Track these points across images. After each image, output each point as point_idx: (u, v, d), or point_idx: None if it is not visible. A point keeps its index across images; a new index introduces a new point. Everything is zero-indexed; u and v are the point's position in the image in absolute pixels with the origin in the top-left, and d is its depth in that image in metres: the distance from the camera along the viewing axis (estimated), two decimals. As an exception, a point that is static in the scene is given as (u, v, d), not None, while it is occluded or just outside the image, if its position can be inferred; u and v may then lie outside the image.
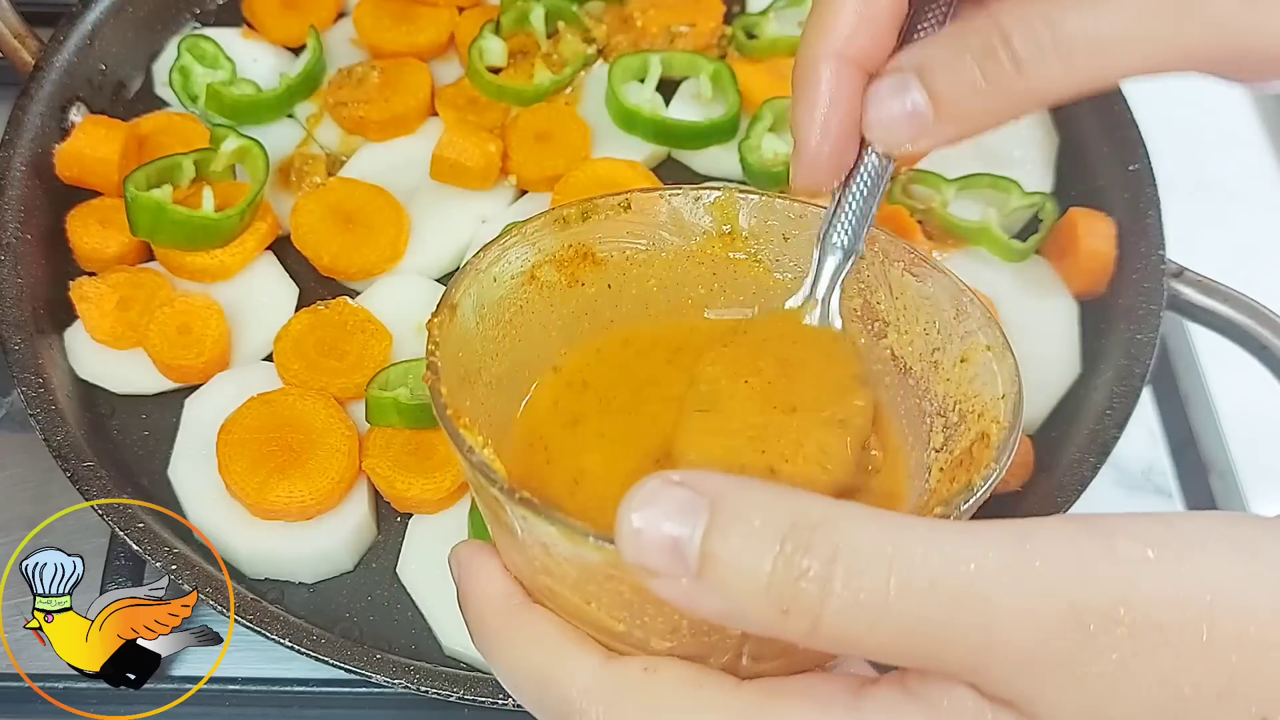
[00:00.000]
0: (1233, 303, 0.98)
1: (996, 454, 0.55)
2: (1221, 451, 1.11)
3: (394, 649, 0.86)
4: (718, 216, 0.68)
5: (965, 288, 0.62)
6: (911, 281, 0.64)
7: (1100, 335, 1.01)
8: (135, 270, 1.01)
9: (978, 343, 0.60)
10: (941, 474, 0.59)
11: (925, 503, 0.59)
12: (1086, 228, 1.03)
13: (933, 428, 0.61)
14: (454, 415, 0.55)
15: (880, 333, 0.66)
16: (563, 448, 0.64)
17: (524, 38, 1.16)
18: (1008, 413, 0.57)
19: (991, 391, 0.58)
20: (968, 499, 0.53)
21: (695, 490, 0.45)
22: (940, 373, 0.62)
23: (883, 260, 0.65)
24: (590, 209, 0.66)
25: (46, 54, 1.06)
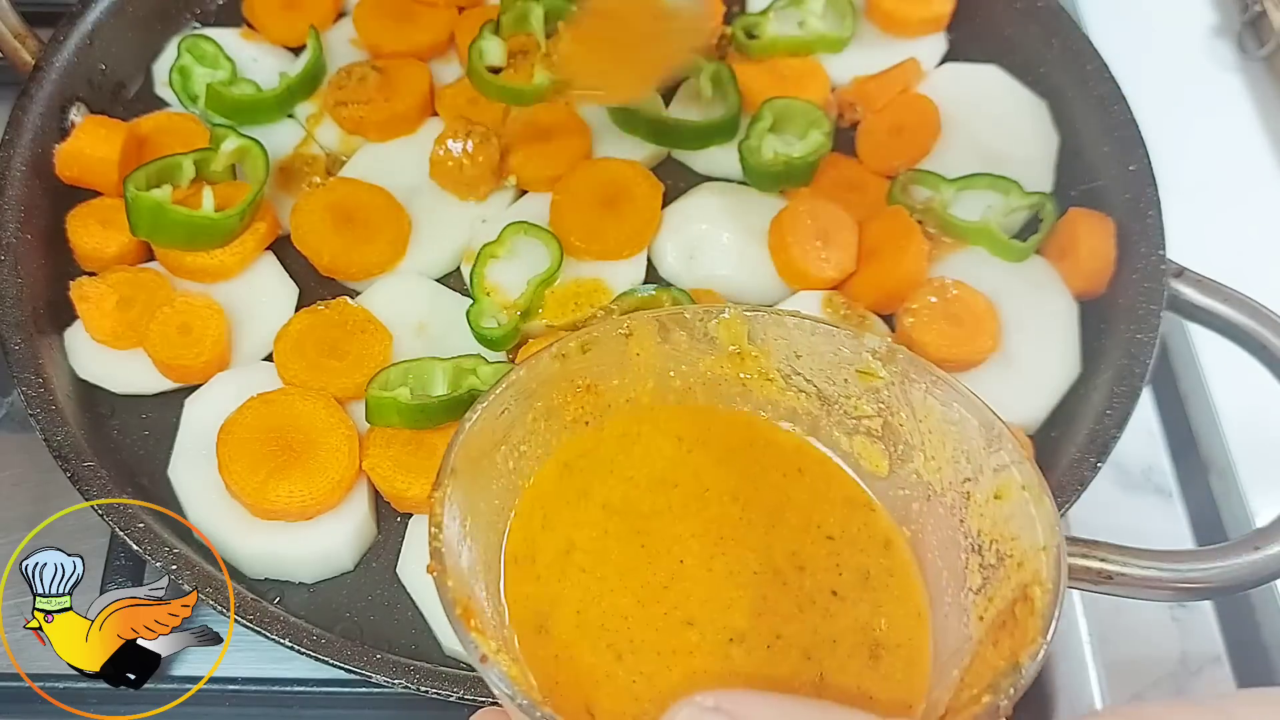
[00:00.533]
0: (1233, 303, 0.98)
1: (1043, 623, 0.52)
2: (1221, 451, 1.11)
3: (394, 649, 0.86)
4: (725, 337, 0.66)
5: (996, 416, 0.59)
6: (936, 405, 0.61)
7: (1100, 335, 1.01)
8: (135, 270, 1.01)
9: (1013, 479, 0.57)
10: (982, 625, 0.56)
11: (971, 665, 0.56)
12: (1086, 228, 1.03)
13: (968, 565, 0.59)
14: (463, 616, 0.53)
15: (905, 456, 0.63)
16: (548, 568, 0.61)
17: (524, 38, 1.16)
18: (1050, 571, 0.54)
19: (1030, 539, 0.55)
20: (1015, 681, 0.50)
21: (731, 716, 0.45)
22: (973, 506, 0.59)
23: (902, 380, 0.62)
24: (590, 341, 0.63)
25: (46, 54, 1.06)
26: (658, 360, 0.66)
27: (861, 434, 0.65)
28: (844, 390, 0.64)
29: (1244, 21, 1.40)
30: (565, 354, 0.63)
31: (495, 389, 0.61)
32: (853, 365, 0.64)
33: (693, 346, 0.66)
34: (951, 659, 0.57)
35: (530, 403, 0.63)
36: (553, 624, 0.59)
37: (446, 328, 1.00)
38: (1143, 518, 1.08)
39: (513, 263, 1.02)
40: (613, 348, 0.64)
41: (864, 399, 0.64)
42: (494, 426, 0.61)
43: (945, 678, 0.57)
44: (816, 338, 0.64)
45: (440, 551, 0.54)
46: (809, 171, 1.08)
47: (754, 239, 1.05)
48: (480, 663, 0.51)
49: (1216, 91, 1.38)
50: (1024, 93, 1.16)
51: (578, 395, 0.65)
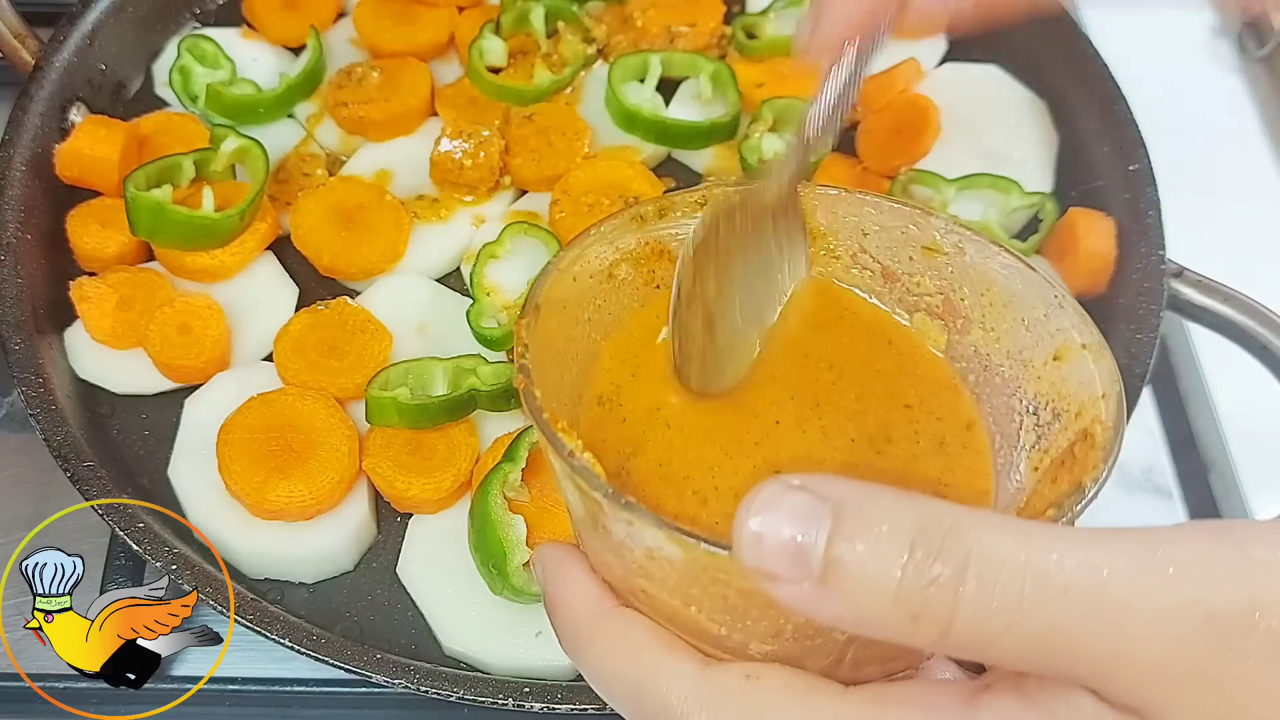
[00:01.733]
0: (1233, 303, 0.98)
1: (1104, 454, 0.54)
2: (1221, 451, 1.11)
3: (394, 649, 0.86)
4: None
5: (1056, 283, 0.61)
6: (998, 277, 0.62)
7: (1100, 335, 1.01)
8: (135, 270, 1.01)
9: (1072, 340, 0.59)
10: (1037, 473, 0.58)
11: (1028, 502, 0.58)
12: (1086, 228, 1.03)
13: (1022, 426, 0.60)
14: (551, 419, 0.54)
15: (963, 329, 0.64)
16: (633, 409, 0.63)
17: (524, 38, 1.16)
18: (1112, 412, 0.56)
19: (1090, 391, 0.57)
20: (1079, 500, 0.52)
21: (817, 495, 0.44)
22: (1030, 371, 0.61)
23: (963, 254, 0.64)
24: (667, 206, 0.65)
25: (46, 54, 1.06)
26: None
27: (922, 310, 0.66)
28: (907, 267, 0.65)
29: (1244, 21, 1.40)
30: (643, 216, 0.65)
31: (576, 241, 0.63)
32: (919, 241, 0.65)
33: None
34: (1006, 509, 0.59)
35: (609, 256, 0.65)
36: (634, 468, 0.60)
37: (446, 328, 1.00)
38: (1143, 518, 1.08)
39: (513, 263, 1.02)
40: (688, 213, 0.66)
41: (927, 275, 0.65)
42: (572, 273, 0.63)
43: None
44: (884, 215, 0.65)
45: (526, 367, 0.56)
46: (809, 171, 1.08)
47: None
48: (568, 459, 0.52)
49: (1216, 91, 1.38)
50: (1024, 93, 1.16)
51: (650, 258, 0.66)
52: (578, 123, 1.11)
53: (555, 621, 0.57)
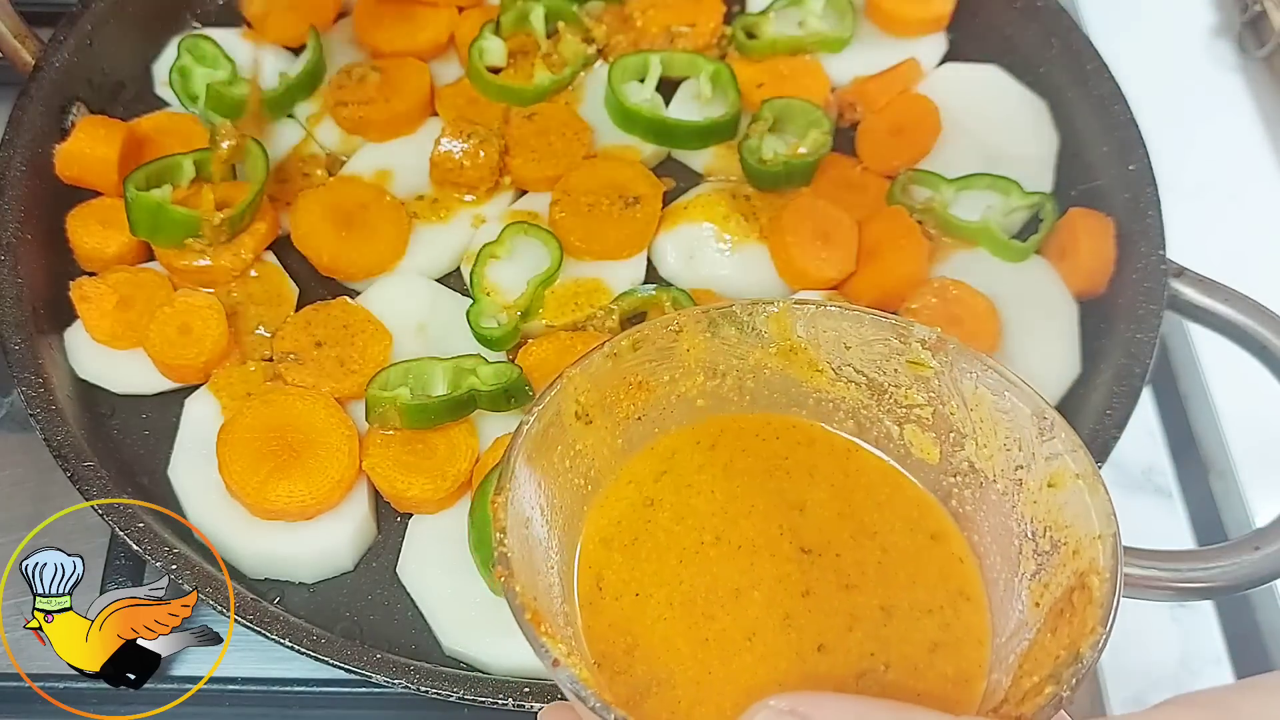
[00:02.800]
0: (1233, 303, 0.98)
1: (1102, 613, 0.53)
2: (1221, 451, 1.11)
3: (394, 649, 0.86)
4: (774, 331, 0.66)
5: (1047, 404, 0.59)
6: (987, 394, 0.61)
7: (1100, 335, 1.01)
8: (135, 270, 1.01)
9: (1066, 468, 0.58)
10: (1039, 610, 0.57)
11: (1029, 653, 0.56)
12: (1086, 228, 1.03)
13: (1022, 551, 0.59)
14: (533, 621, 0.53)
15: (957, 444, 0.63)
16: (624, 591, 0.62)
17: (524, 38, 1.16)
18: (1107, 559, 0.54)
19: (1086, 527, 0.56)
20: (1077, 673, 0.51)
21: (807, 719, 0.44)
22: (1026, 494, 0.60)
23: (952, 370, 0.62)
24: (640, 339, 0.64)
25: (46, 54, 1.06)
26: (707, 355, 0.66)
27: (912, 423, 0.65)
28: (894, 380, 0.65)
29: (1244, 21, 1.40)
30: (617, 352, 0.64)
31: (550, 390, 0.61)
32: (902, 355, 0.64)
33: (742, 340, 0.66)
34: (1010, 643, 0.58)
35: (584, 400, 0.63)
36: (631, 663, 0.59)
37: (446, 328, 1.00)
38: (1143, 518, 1.08)
39: (513, 263, 1.02)
40: (662, 344, 0.65)
41: (914, 388, 0.64)
42: (551, 428, 0.61)
43: (1004, 661, 0.57)
44: (865, 329, 0.64)
45: (506, 557, 0.54)
46: (809, 171, 1.08)
47: (754, 239, 1.05)
48: (552, 667, 0.51)
49: (1216, 91, 1.38)
50: (1024, 93, 1.16)
51: (629, 392, 0.65)
52: (578, 123, 1.11)
53: None
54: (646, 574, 0.62)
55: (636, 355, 0.64)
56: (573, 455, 0.63)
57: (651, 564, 0.62)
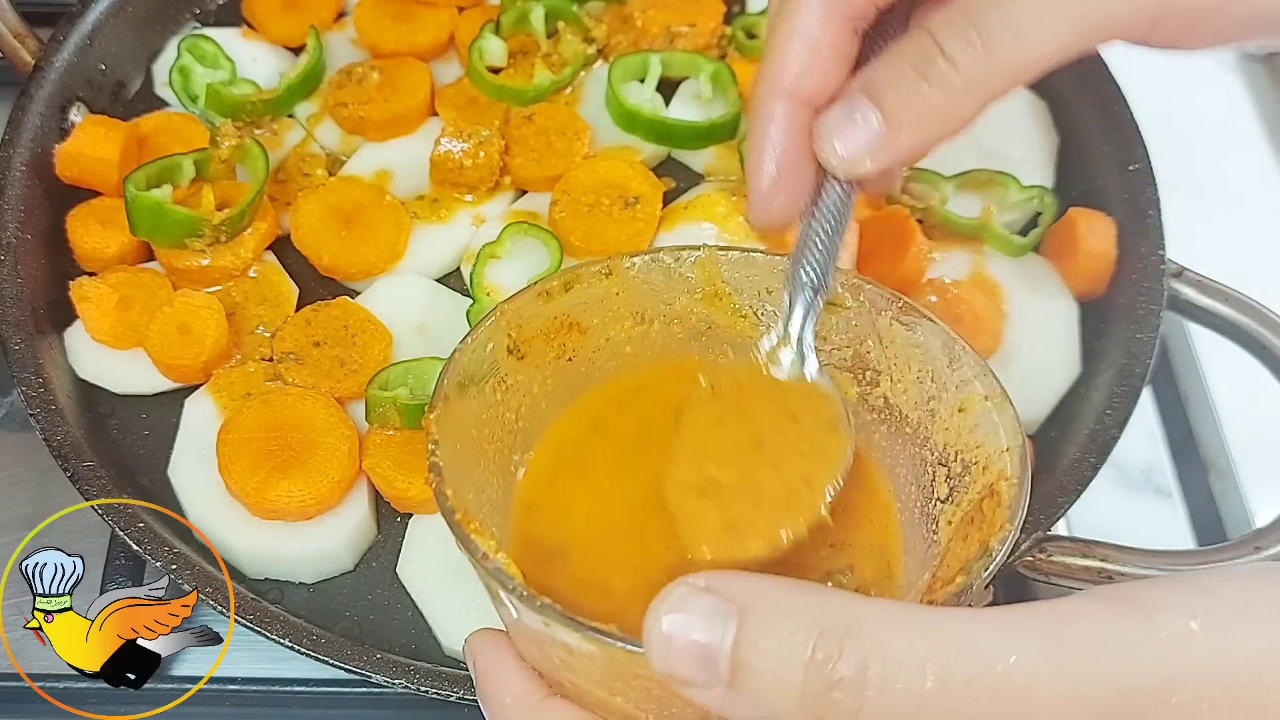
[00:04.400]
0: (1233, 303, 0.98)
1: (1010, 513, 0.55)
2: (1221, 451, 1.11)
3: (394, 649, 0.86)
4: (700, 276, 0.68)
5: (956, 336, 0.62)
6: (901, 330, 0.64)
7: (1100, 335, 1.01)
8: (135, 270, 1.01)
9: (975, 392, 0.60)
10: (951, 528, 0.59)
11: (942, 561, 0.58)
12: (1086, 227, 1.03)
13: (935, 477, 0.62)
14: (463, 520, 0.55)
15: (873, 381, 0.66)
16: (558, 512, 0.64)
17: (524, 38, 1.16)
18: (1015, 467, 0.56)
19: (994, 443, 0.58)
20: (987, 564, 0.53)
21: (722, 596, 0.45)
22: (938, 422, 0.62)
23: (869, 309, 0.65)
24: (572, 279, 0.67)
25: (46, 54, 1.06)
26: (635, 299, 0.69)
27: (831, 364, 0.67)
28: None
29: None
30: (549, 291, 0.66)
31: (483, 322, 0.64)
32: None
33: (669, 285, 0.69)
34: (922, 565, 0.60)
35: (517, 334, 0.66)
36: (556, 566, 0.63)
37: (446, 328, 1.00)
38: (1143, 518, 1.08)
39: (513, 263, 1.02)
40: (593, 285, 0.67)
41: (834, 329, 0.66)
42: (481, 358, 0.64)
43: (916, 583, 0.60)
44: (784, 272, 0.66)
45: (437, 465, 0.58)
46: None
47: (754, 239, 1.05)
48: (480, 560, 0.53)
49: (1216, 91, 1.38)
50: (1024, 93, 1.16)
51: (560, 333, 0.68)
52: (578, 123, 1.11)
53: (487, 712, 0.58)
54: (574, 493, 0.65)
55: (568, 296, 0.67)
56: (504, 389, 0.65)
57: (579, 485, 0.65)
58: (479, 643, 0.60)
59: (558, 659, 0.53)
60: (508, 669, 0.57)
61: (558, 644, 0.52)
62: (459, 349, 0.63)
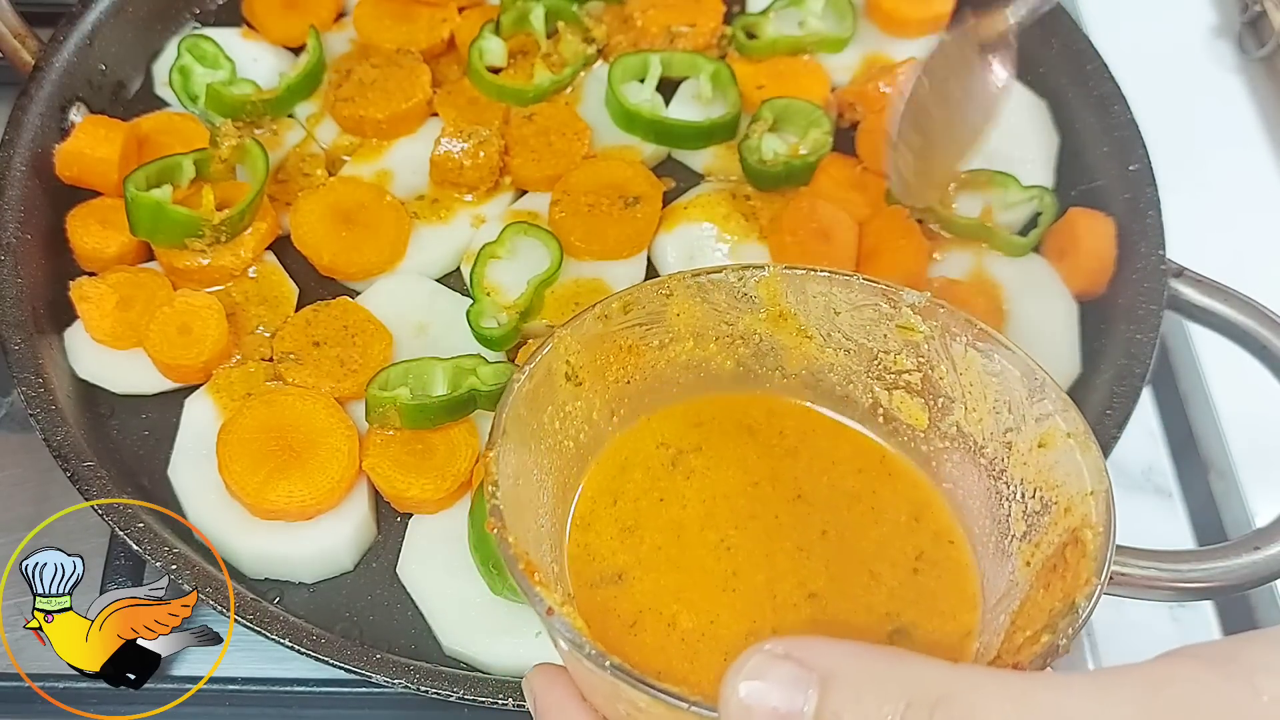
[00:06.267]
0: (1233, 303, 0.98)
1: (1096, 566, 0.53)
2: (1221, 451, 1.11)
3: (394, 649, 0.86)
4: (764, 296, 0.66)
5: (1039, 366, 0.60)
6: (976, 357, 0.62)
7: (1100, 335, 1.01)
8: (135, 270, 1.01)
9: (1057, 428, 0.58)
10: (1030, 570, 0.57)
11: (1022, 609, 0.56)
12: (1086, 227, 1.03)
13: (1011, 513, 0.60)
14: (528, 571, 0.53)
15: (945, 409, 0.64)
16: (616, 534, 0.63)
17: (524, 38, 1.16)
18: (1101, 514, 0.54)
19: (1077, 485, 0.56)
20: (1073, 622, 0.51)
21: (802, 664, 0.44)
22: (1015, 456, 0.60)
23: (943, 334, 0.63)
24: (631, 301, 0.64)
25: (46, 54, 1.06)
26: (697, 320, 0.66)
27: (900, 389, 0.65)
28: (883, 345, 0.65)
29: (1244, 21, 1.39)
30: (608, 314, 0.64)
31: (541, 350, 0.62)
32: (892, 321, 0.64)
33: (732, 306, 0.66)
34: (1000, 604, 0.58)
35: (575, 360, 0.64)
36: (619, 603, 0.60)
37: (446, 328, 1.00)
38: (1143, 518, 1.08)
39: (513, 263, 1.02)
40: (653, 308, 0.65)
41: (903, 353, 0.64)
42: (541, 387, 0.62)
43: (994, 623, 0.58)
44: (855, 294, 0.64)
45: (499, 509, 0.55)
46: (809, 171, 1.08)
47: (754, 239, 1.05)
48: (546, 615, 0.52)
49: (1216, 91, 1.38)
50: (1024, 93, 1.16)
51: (619, 355, 0.65)
52: (578, 123, 1.11)
53: None
54: (636, 535, 0.63)
55: (627, 318, 0.65)
56: (562, 417, 0.63)
57: (641, 523, 0.63)
58: (539, 680, 0.59)
59: (623, 711, 0.52)
60: (569, 710, 0.56)
61: (624, 699, 0.51)
62: (516, 380, 0.60)
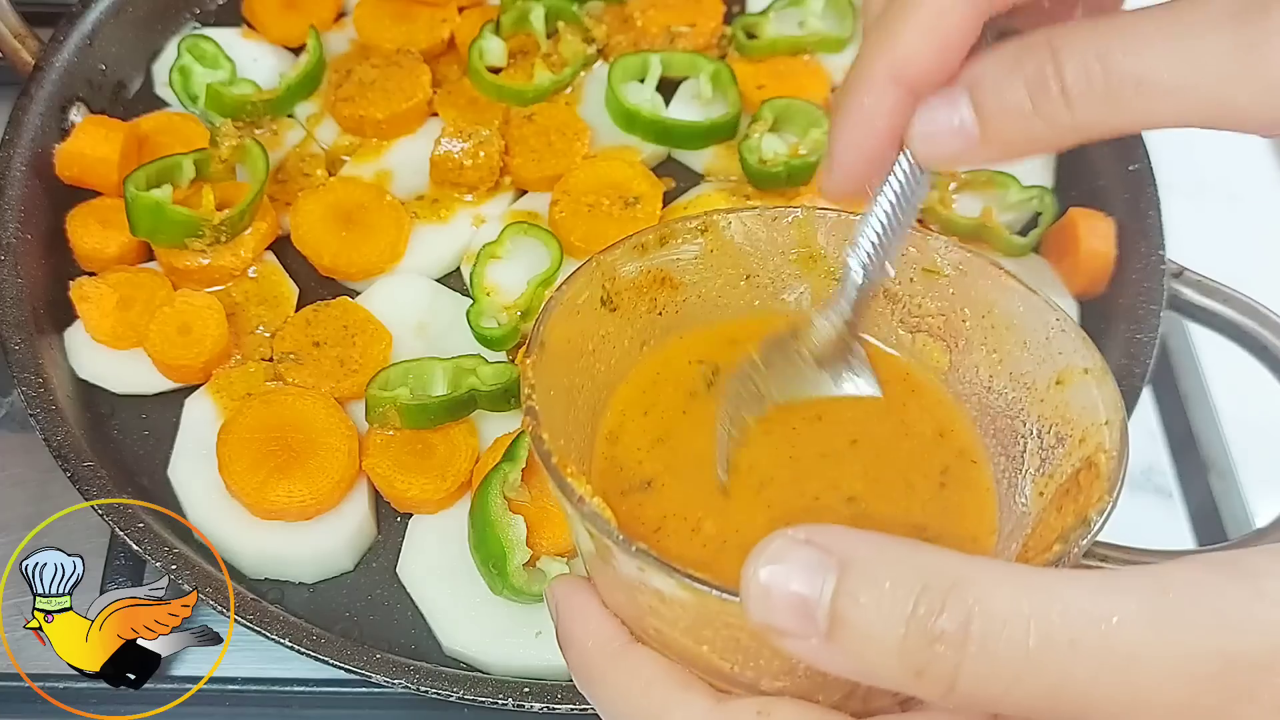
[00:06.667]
0: (1233, 303, 0.98)
1: (1109, 485, 0.54)
2: (1221, 451, 1.11)
3: (394, 649, 0.86)
4: (797, 236, 0.67)
5: (1056, 307, 0.61)
6: (999, 299, 0.63)
7: (1100, 335, 1.01)
8: (135, 270, 1.01)
9: (1074, 365, 0.59)
10: (1043, 499, 0.58)
11: (1034, 531, 0.57)
12: (1086, 228, 1.03)
13: (1026, 449, 0.61)
14: (561, 464, 0.54)
15: (965, 351, 0.65)
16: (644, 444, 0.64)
17: (524, 38, 1.16)
18: (1115, 439, 0.56)
19: (1092, 416, 0.57)
20: (1085, 534, 0.52)
21: (822, 548, 0.44)
22: (1033, 394, 0.61)
23: (964, 276, 0.64)
24: (667, 234, 0.66)
25: (46, 54, 1.06)
26: (729, 258, 0.67)
27: (924, 331, 0.66)
28: (908, 289, 0.66)
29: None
30: (644, 244, 0.65)
31: (579, 272, 0.63)
32: (919, 264, 0.65)
33: (764, 245, 0.67)
34: (1012, 534, 0.59)
35: (612, 286, 0.65)
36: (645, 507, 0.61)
37: (446, 328, 1.00)
38: (1143, 518, 1.08)
39: (513, 263, 1.02)
40: (687, 242, 0.66)
41: (928, 296, 0.65)
42: (575, 307, 0.63)
43: (1005, 552, 0.59)
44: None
45: (534, 409, 0.57)
46: (809, 171, 1.08)
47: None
48: (577, 504, 0.53)
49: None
50: (1024, 93, 1.15)
51: (653, 286, 0.67)
52: (578, 123, 1.11)
53: (569, 657, 0.57)
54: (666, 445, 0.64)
55: (663, 250, 0.66)
56: (596, 339, 0.65)
57: (670, 434, 0.64)
58: (561, 587, 0.59)
59: (646, 605, 0.52)
60: (591, 614, 0.57)
61: (648, 590, 0.51)
62: (555, 296, 0.62)
